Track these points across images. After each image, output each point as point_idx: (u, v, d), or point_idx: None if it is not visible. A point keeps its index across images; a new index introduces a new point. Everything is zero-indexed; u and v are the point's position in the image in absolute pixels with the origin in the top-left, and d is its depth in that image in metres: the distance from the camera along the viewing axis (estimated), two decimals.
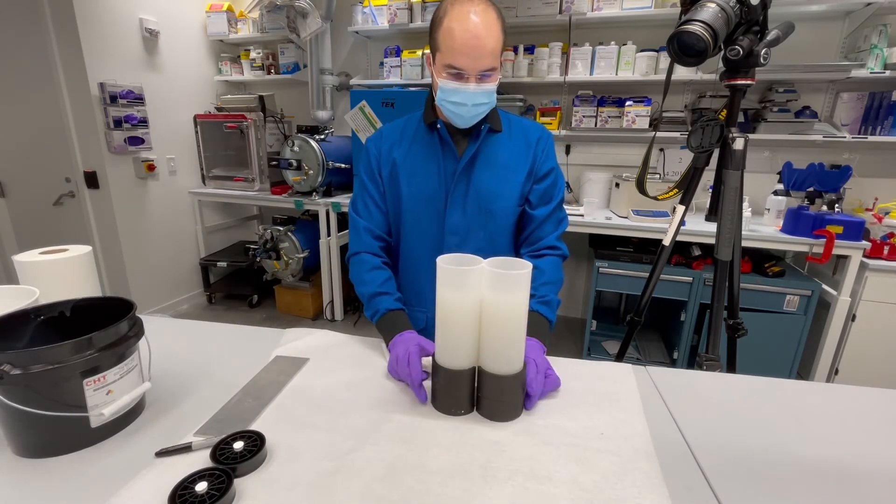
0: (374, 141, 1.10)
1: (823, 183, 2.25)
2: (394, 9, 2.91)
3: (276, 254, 3.09)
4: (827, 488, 0.62)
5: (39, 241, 2.08)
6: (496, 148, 1.05)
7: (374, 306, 0.98)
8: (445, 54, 0.91)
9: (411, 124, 1.09)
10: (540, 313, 0.96)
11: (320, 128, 3.08)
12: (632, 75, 2.65)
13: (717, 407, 0.80)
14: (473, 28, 0.87)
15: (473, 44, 0.88)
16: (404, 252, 1.12)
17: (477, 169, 1.04)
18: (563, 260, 1.07)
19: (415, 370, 0.80)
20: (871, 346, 2.22)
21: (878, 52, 2.26)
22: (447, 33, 0.89)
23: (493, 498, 0.58)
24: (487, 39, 0.88)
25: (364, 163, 1.10)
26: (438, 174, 1.04)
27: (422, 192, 1.05)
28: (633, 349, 2.74)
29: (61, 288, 0.86)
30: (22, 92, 2.75)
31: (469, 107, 0.95)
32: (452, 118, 1.00)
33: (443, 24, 0.90)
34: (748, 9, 1.13)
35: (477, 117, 0.99)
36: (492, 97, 0.97)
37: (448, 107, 0.97)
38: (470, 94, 0.93)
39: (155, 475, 0.60)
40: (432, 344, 0.84)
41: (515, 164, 1.05)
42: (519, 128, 1.08)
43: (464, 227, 1.06)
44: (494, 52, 0.90)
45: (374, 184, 1.09)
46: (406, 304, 1.14)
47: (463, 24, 0.87)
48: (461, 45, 0.88)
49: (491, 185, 1.04)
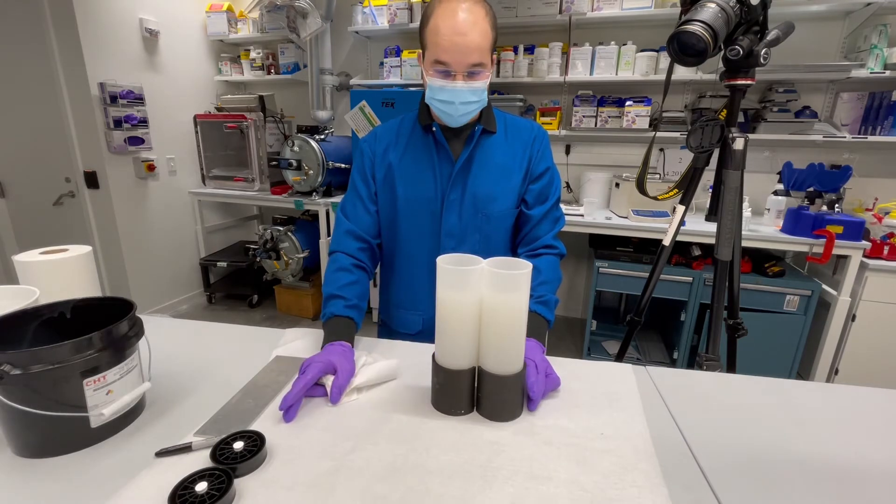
0: (368, 142, 1.09)
1: (823, 183, 2.25)
2: (394, 9, 2.91)
3: (276, 254, 3.09)
4: (827, 488, 0.62)
5: (39, 241, 2.08)
6: (492, 150, 1.05)
7: (326, 307, 0.95)
8: (432, 51, 0.91)
9: (406, 125, 1.08)
10: (538, 313, 0.95)
11: (320, 128, 3.08)
12: (632, 75, 2.65)
13: (717, 407, 0.80)
14: (459, 24, 0.87)
15: (459, 40, 0.87)
16: (400, 255, 1.11)
17: (473, 172, 1.04)
18: (560, 259, 1.07)
19: (296, 387, 0.74)
20: (871, 346, 2.22)
21: (878, 52, 2.26)
22: (434, 30, 0.89)
23: (493, 498, 0.58)
24: (473, 35, 0.88)
25: (358, 163, 1.10)
26: (434, 177, 1.04)
27: (418, 196, 1.05)
28: (633, 349, 2.74)
29: (61, 288, 0.86)
30: (22, 92, 2.75)
31: (457, 105, 0.94)
32: (442, 117, 0.99)
33: (430, 22, 0.91)
34: (748, 9, 1.13)
35: (467, 116, 0.98)
36: (482, 96, 0.96)
37: (437, 105, 0.96)
38: (457, 92, 0.92)
39: (155, 475, 0.60)
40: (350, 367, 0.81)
41: (512, 165, 1.05)
42: (515, 128, 1.08)
43: (460, 230, 1.05)
44: (481, 47, 0.90)
45: (365, 185, 1.08)
46: (401, 307, 1.15)
47: (448, 20, 0.87)
48: (447, 41, 0.88)
49: (487, 188, 1.04)
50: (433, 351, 0.77)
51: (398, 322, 1.17)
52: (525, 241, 1.08)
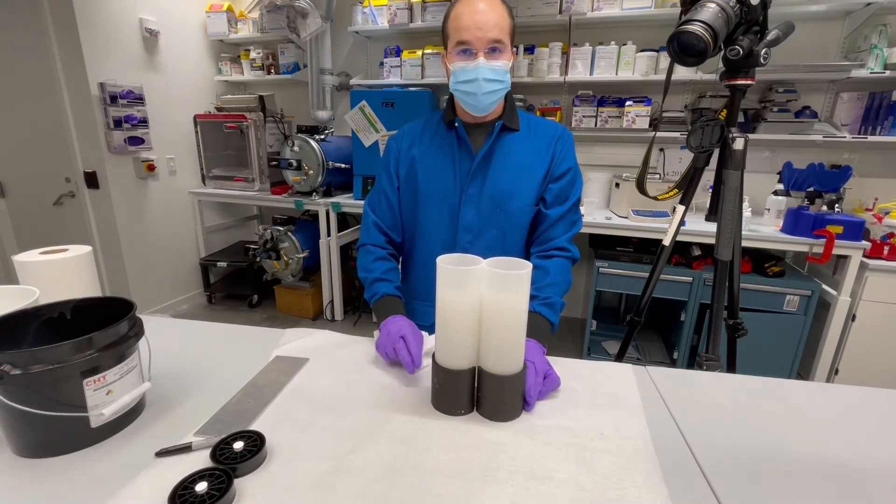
0: (396, 139, 1.14)
1: (823, 183, 2.25)
2: (394, 9, 2.91)
3: (276, 254, 3.09)
4: (827, 488, 0.62)
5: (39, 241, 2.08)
6: (514, 146, 1.06)
7: (373, 289, 1.04)
8: (454, 35, 0.96)
9: (432, 122, 1.12)
10: (542, 314, 0.95)
11: (320, 128, 3.08)
12: (632, 75, 2.65)
13: (717, 407, 0.80)
14: (478, 5, 0.94)
15: (479, 17, 0.93)
16: (419, 247, 1.14)
17: (493, 167, 1.05)
18: (572, 263, 1.07)
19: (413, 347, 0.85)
20: (871, 346, 2.22)
21: (878, 52, 2.26)
22: (455, 17, 0.96)
23: (493, 498, 0.58)
24: (491, 13, 0.93)
25: (384, 160, 1.15)
26: (454, 171, 1.06)
27: (437, 189, 1.08)
28: (633, 349, 2.74)
29: (61, 288, 0.86)
30: (22, 92, 2.74)
31: (480, 82, 0.95)
32: (466, 102, 1.01)
33: (451, 12, 0.97)
34: (748, 9, 1.13)
35: (490, 97, 0.99)
36: (504, 77, 0.98)
37: (461, 90, 0.99)
38: (479, 69, 0.95)
39: (155, 475, 0.60)
40: (420, 334, 0.91)
41: (533, 163, 1.06)
42: (538, 128, 1.09)
43: (477, 224, 1.07)
44: (500, 25, 0.94)
45: (389, 181, 1.12)
46: (418, 298, 1.18)
47: (469, 5, 0.95)
48: (467, 20, 0.94)
49: (506, 183, 1.05)
50: (433, 351, 0.77)
51: (415, 314, 1.17)
52: (538, 242, 1.08)
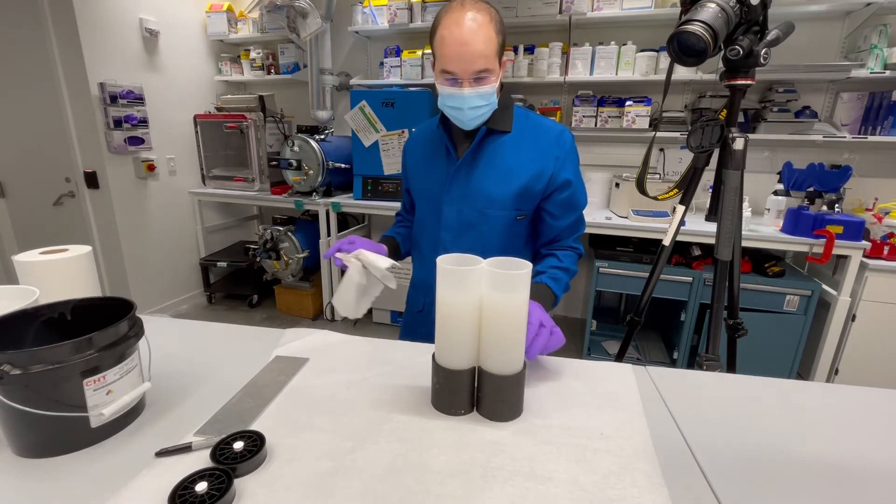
0: (408, 141, 1.25)
1: (823, 183, 2.25)
2: (394, 9, 2.91)
3: (276, 254, 3.09)
4: (827, 488, 0.62)
5: (39, 241, 2.08)
6: (500, 150, 1.06)
7: None
8: (440, 61, 0.95)
9: (432, 124, 1.15)
10: (546, 285, 1.00)
11: (320, 128, 3.08)
12: (632, 75, 2.65)
13: (717, 407, 0.80)
14: (463, 34, 0.90)
15: (462, 50, 0.90)
16: (416, 241, 1.23)
17: (477, 170, 1.06)
18: (578, 257, 1.13)
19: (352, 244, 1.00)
20: (871, 346, 2.22)
21: (878, 52, 2.26)
22: (440, 41, 0.93)
23: (493, 498, 0.58)
24: (476, 44, 0.90)
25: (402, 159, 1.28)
26: (438, 174, 1.10)
27: (425, 190, 1.15)
28: (633, 349, 2.74)
29: (61, 288, 0.86)
30: (22, 92, 2.75)
31: (465, 110, 0.98)
32: (455, 121, 1.04)
33: (437, 34, 0.94)
34: (748, 9, 1.13)
35: (477, 119, 1.01)
36: (490, 99, 0.98)
37: (448, 111, 1.02)
38: (465, 98, 0.96)
39: (155, 475, 0.60)
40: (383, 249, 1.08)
41: (519, 167, 1.05)
42: (534, 130, 1.07)
43: (457, 225, 1.10)
44: (485, 54, 0.92)
45: (405, 179, 1.27)
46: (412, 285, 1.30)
47: (452, 31, 0.91)
48: (451, 52, 0.92)
49: (487, 187, 1.06)
50: (433, 351, 0.77)
51: (409, 298, 1.29)
52: (545, 244, 1.14)
